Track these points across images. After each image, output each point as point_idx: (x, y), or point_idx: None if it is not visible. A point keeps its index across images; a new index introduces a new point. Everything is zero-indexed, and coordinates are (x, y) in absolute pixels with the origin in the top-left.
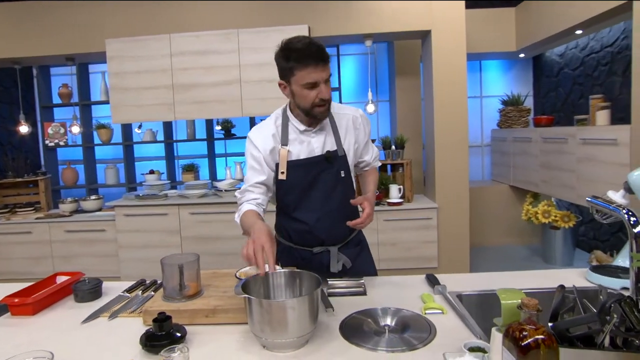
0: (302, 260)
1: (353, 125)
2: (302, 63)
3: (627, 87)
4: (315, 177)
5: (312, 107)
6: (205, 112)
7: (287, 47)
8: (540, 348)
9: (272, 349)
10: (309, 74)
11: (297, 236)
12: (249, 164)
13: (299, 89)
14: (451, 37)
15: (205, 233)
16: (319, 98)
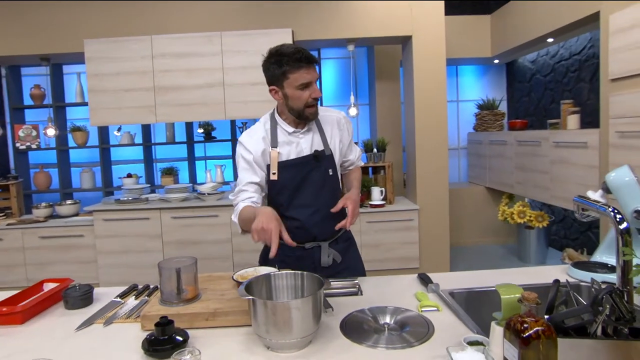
0: (294, 256)
1: (337, 126)
2: (295, 66)
3: (595, 93)
4: (305, 176)
5: (305, 107)
6: (187, 114)
7: (278, 53)
8: (540, 339)
9: (276, 349)
10: (302, 75)
11: (290, 233)
12: (242, 167)
13: (293, 91)
14: (431, 43)
15: (188, 237)
16: (312, 97)
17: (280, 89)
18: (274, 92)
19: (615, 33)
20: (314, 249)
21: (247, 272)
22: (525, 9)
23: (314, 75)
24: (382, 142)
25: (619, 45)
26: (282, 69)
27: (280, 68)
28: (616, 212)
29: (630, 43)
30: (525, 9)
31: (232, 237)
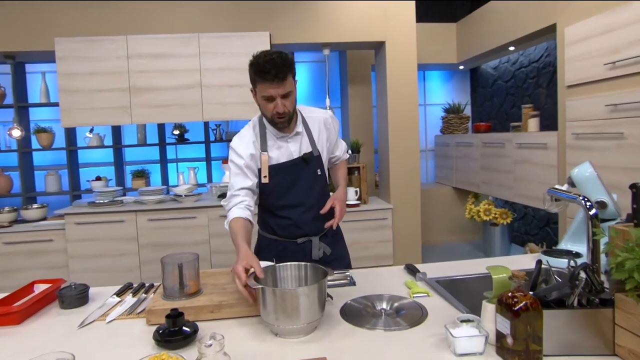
0: (286, 250)
1: (324, 126)
2: (261, 78)
3: (551, 98)
4: (296, 177)
5: (271, 117)
6: (164, 116)
7: (254, 60)
8: (528, 310)
9: (284, 335)
10: (266, 89)
11: (282, 230)
12: (233, 172)
13: (260, 100)
14: (403, 49)
15: (165, 239)
16: (276, 111)
17: (254, 94)
18: (253, 94)
19: (570, 44)
20: (306, 244)
21: None
22: (488, 18)
23: (277, 91)
24: (357, 143)
25: (573, 55)
26: (253, 76)
27: (253, 75)
28: (586, 200)
29: (584, 53)
30: (489, 18)
31: (209, 238)
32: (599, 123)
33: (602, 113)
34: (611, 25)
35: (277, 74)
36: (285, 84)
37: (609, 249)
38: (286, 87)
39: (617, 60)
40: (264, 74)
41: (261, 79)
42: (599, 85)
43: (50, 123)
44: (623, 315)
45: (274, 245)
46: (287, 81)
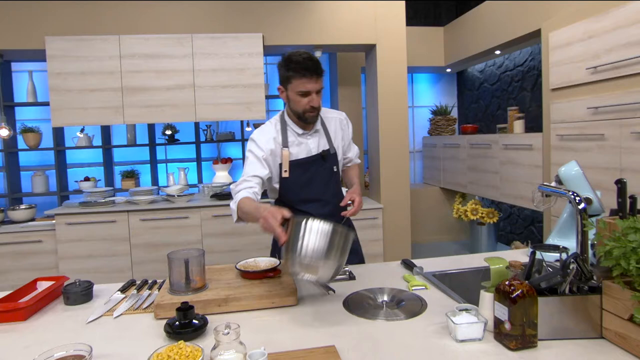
0: None
1: (340, 126)
2: (299, 74)
3: (535, 100)
4: (314, 173)
5: (303, 112)
6: (156, 116)
7: (288, 58)
8: (525, 297)
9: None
10: (304, 84)
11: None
12: (250, 160)
13: (294, 95)
14: (394, 52)
15: (157, 239)
16: (310, 105)
17: (285, 90)
18: (280, 91)
19: (554, 49)
20: None
21: (248, 263)
22: (475, 23)
23: (314, 86)
24: None
25: (557, 59)
26: (288, 73)
27: (287, 72)
28: (575, 194)
29: (567, 58)
30: (476, 23)
31: (202, 238)
32: (582, 125)
33: (585, 115)
34: (592, 32)
35: (316, 70)
36: (320, 80)
37: (598, 239)
38: (320, 83)
39: (598, 65)
40: (304, 70)
41: (300, 75)
42: (581, 89)
43: (37, 123)
44: (610, 301)
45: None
46: (321, 78)
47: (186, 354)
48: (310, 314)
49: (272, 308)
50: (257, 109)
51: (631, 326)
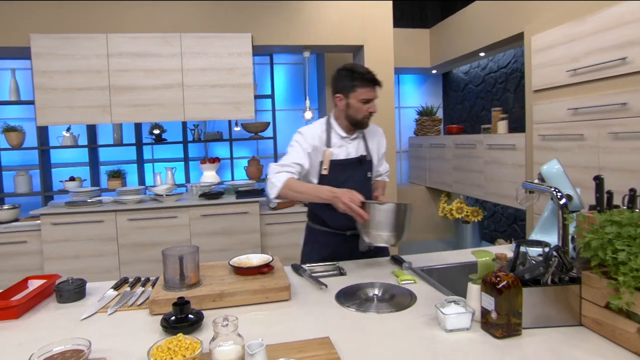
0: (334, 242)
1: (377, 138)
2: (363, 83)
3: (518, 101)
4: (350, 174)
5: (362, 118)
6: (144, 115)
7: (352, 69)
8: (510, 288)
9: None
10: (367, 93)
11: (333, 222)
12: (295, 149)
13: (356, 102)
14: (381, 53)
15: (145, 239)
16: (369, 112)
17: (346, 98)
18: (338, 99)
19: (536, 51)
20: (352, 237)
21: (241, 260)
22: (460, 25)
23: (375, 95)
24: None
25: (540, 61)
26: (352, 82)
27: (351, 82)
28: (557, 190)
29: (549, 60)
30: (461, 25)
31: (191, 237)
32: (563, 125)
33: (565, 116)
34: (572, 36)
35: (377, 82)
36: (377, 90)
37: (578, 232)
38: (377, 93)
39: (578, 67)
40: (368, 82)
41: (364, 85)
42: (562, 91)
43: (20, 122)
44: (588, 290)
45: (322, 236)
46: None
47: (185, 345)
48: (303, 308)
49: (266, 303)
50: (246, 108)
51: (607, 313)
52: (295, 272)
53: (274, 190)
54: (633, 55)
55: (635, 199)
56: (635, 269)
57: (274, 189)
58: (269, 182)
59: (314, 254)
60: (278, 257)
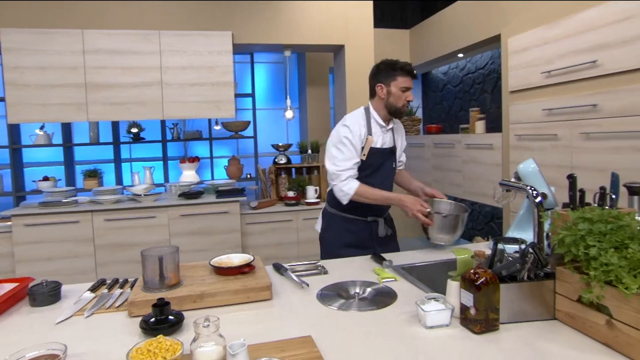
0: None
1: (401, 132)
2: (404, 74)
3: (495, 102)
4: (382, 163)
5: (402, 105)
6: (122, 113)
7: (392, 62)
8: (488, 285)
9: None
10: (407, 81)
11: (357, 208)
12: (348, 147)
13: (396, 90)
14: (362, 52)
15: (123, 240)
16: (407, 100)
17: (387, 86)
18: (379, 88)
19: (512, 53)
20: (372, 223)
21: (221, 259)
22: (439, 27)
23: (412, 84)
24: (316, 144)
25: (516, 63)
26: (394, 72)
27: (393, 72)
28: (533, 189)
29: (525, 62)
30: (440, 27)
31: (170, 237)
32: (538, 125)
33: (540, 116)
34: (546, 39)
35: (414, 74)
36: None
37: (552, 229)
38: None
39: (552, 69)
40: (407, 72)
41: (405, 74)
42: (537, 92)
43: None
44: (562, 285)
45: (342, 222)
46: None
47: (166, 347)
48: (285, 307)
49: (247, 303)
50: (226, 107)
51: (579, 306)
52: (276, 271)
53: (346, 198)
54: (603, 59)
55: (605, 196)
56: (605, 264)
57: (346, 197)
58: (340, 191)
59: (336, 240)
60: (259, 256)
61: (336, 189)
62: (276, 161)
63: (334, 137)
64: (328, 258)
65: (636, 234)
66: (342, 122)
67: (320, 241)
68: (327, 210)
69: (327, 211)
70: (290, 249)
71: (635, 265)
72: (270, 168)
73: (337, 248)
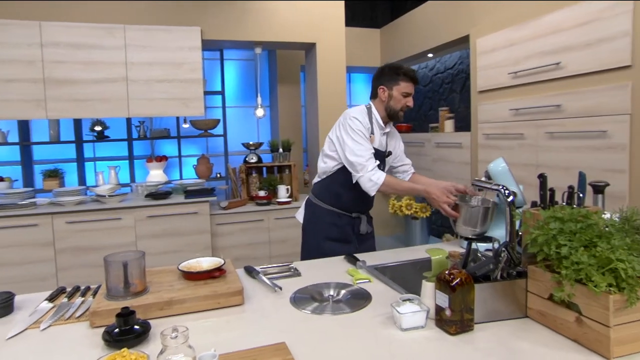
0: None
1: (396, 137)
2: (407, 79)
3: (463, 102)
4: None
5: (401, 109)
6: (84, 111)
7: (397, 66)
8: (463, 285)
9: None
10: (409, 87)
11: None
12: (363, 138)
13: (398, 94)
14: (333, 51)
15: (86, 243)
16: (407, 105)
17: (389, 89)
18: (382, 90)
19: (481, 54)
20: (356, 219)
21: (190, 264)
22: (410, 27)
23: (413, 91)
24: (288, 142)
25: (484, 63)
26: (398, 76)
27: (397, 75)
28: (505, 188)
29: (493, 63)
30: (410, 27)
31: (136, 240)
32: (505, 125)
33: (507, 116)
34: (512, 40)
35: (418, 81)
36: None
37: (525, 228)
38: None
39: (518, 70)
40: (411, 78)
41: (408, 80)
42: (504, 92)
43: None
44: (533, 283)
45: (327, 215)
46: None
47: None
48: (257, 312)
49: (218, 309)
50: (195, 105)
51: (550, 304)
52: (248, 274)
53: (375, 188)
54: (566, 61)
55: (573, 195)
56: (576, 262)
57: (374, 187)
58: (369, 181)
59: (319, 232)
60: (230, 259)
61: (364, 180)
62: (247, 160)
63: (348, 129)
64: (309, 249)
65: (603, 233)
66: (350, 115)
67: (303, 231)
68: (312, 202)
69: (312, 202)
70: (262, 249)
71: (603, 263)
72: (241, 167)
73: (320, 240)
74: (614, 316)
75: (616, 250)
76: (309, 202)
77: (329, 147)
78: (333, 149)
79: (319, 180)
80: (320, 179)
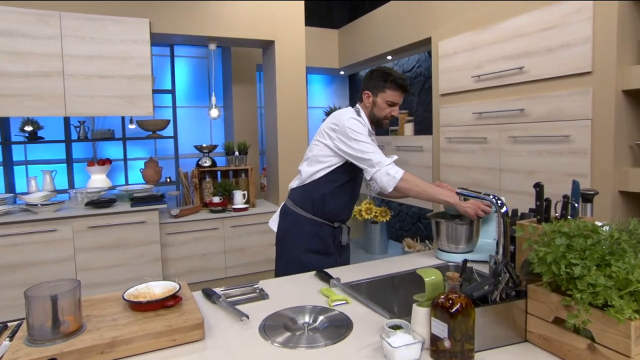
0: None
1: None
2: (395, 86)
3: (422, 105)
4: (360, 171)
5: (384, 117)
6: (12, 108)
7: (387, 72)
8: (464, 311)
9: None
10: (395, 96)
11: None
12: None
13: (382, 103)
14: (292, 50)
15: (13, 260)
16: (391, 115)
17: (373, 96)
18: (366, 95)
19: (443, 57)
20: (337, 229)
21: (139, 290)
22: (369, 28)
23: (400, 100)
24: (244, 145)
25: (446, 66)
26: (384, 83)
27: (384, 82)
28: (497, 198)
29: (455, 66)
30: (369, 28)
31: (75, 254)
32: (468, 129)
33: (470, 120)
34: (475, 43)
35: (408, 89)
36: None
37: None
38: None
39: (481, 74)
40: (399, 86)
41: (395, 88)
42: (467, 95)
43: None
44: (534, 304)
45: (310, 225)
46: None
47: None
48: (222, 349)
49: (174, 346)
50: (143, 104)
51: (554, 328)
52: (207, 298)
53: (392, 183)
54: (529, 66)
55: (568, 205)
56: (591, 284)
57: (392, 182)
58: (386, 174)
59: (300, 244)
60: (184, 281)
61: (380, 174)
62: (199, 164)
63: (349, 131)
64: (288, 263)
65: (615, 249)
66: (348, 116)
67: (279, 242)
68: (290, 209)
69: (290, 209)
70: (217, 260)
71: (621, 285)
72: (193, 171)
73: (300, 253)
74: (636, 344)
75: (633, 270)
76: (287, 210)
77: (321, 152)
78: (327, 153)
79: (299, 186)
80: (302, 184)
